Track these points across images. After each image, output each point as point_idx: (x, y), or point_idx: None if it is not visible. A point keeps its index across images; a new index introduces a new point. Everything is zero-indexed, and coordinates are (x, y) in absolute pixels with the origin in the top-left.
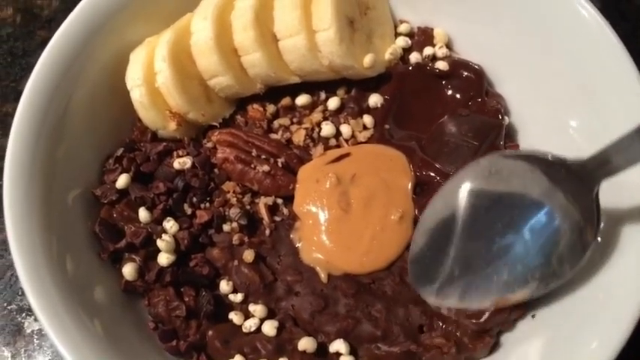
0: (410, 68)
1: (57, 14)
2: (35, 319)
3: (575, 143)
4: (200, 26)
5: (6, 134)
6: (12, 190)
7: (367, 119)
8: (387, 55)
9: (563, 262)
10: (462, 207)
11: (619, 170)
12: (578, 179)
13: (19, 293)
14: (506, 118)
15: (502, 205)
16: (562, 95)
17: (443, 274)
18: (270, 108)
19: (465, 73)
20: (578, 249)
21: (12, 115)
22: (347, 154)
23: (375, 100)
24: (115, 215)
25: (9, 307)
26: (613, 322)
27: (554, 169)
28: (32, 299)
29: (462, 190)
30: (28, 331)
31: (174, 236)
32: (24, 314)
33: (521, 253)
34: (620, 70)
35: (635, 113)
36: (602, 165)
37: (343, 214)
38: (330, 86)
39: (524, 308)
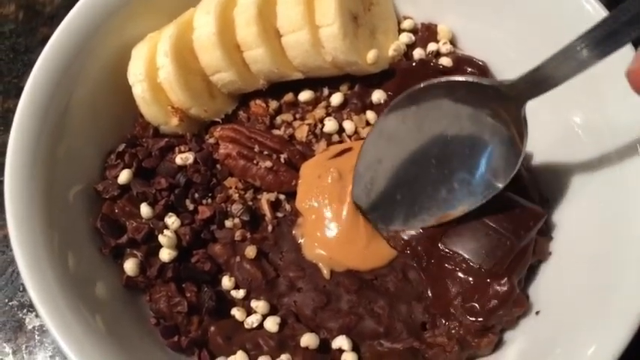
0: (413, 64)
1: (59, 11)
2: (36, 315)
3: (580, 139)
4: (203, 21)
5: (8, 130)
6: (13, 186)
7: (370, 115)
8: (391, 52)
9: (497, 174)
10: (397, 136)
11: (543, 91)
12: (507, 99)
13: (21, 289)
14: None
15: (432, 131)
16: (566, 91)
17: (386, 200)
18: (273, 104)
19: (469, 69)
20: (510, 161)
21: (14, 112)
22: (349, 149)
23: (378, 96)
24: (116, 211)
25: (10, 303)
26: (618, 319)
27: (485, 89)
28: (34, 295)
29: (396, 118)
30: (30, 327)
31: (176, 232)
32: (25, 310)
33: (458, 171)
34: (624, 66)
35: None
36: (530, 86)
37: (345, 209)
38: (333, 82)
39: (528, 305)
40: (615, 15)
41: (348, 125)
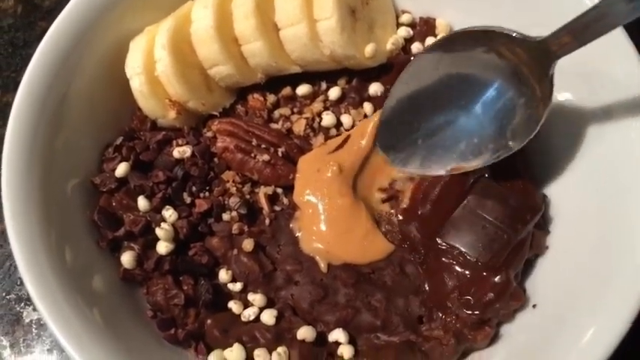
0: (412, 58)
1: (58, 5)
2: (34, 309)
3: (571, 122)
4: (201, 14)
5: (6, 124)
6: (10, 179)
7: (368, 107)
8: (389, 45)
9: (515, 135)
10: (426, 83)
11: (573, 49)
12: (535, 56)
13: (18, 283)
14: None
15: (462, 81)
16: (564, 84)
17: (407, 142)
18: (271, 98)
19: None
20: (530, 123)
21: (12, 106)
22: (347, 138)
23: (375, 88)
24: (114, 204)
25: (8, 297)
26: (613, 312)
27: (512, 45)
28: (31, 288)
29: (429, 62)
30: (27, 320)
31: (174, 225)
32: (23, 304)
33: (479, 126)
34: (623, 61)
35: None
36: (559, 44)
37: (343, 202)
38: (331, 76)
39: (524, 299)
40: None
41: (346, 119)
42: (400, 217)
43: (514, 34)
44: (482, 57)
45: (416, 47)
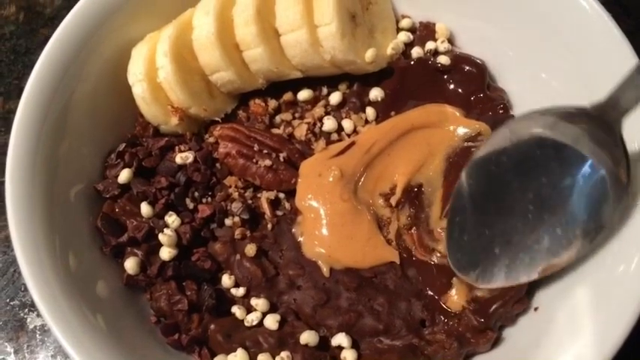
0: (412, 63)
1: (60, 12)
2: (38, 315)
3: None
4: (202, 21)
5: (9, 131)
6: (14, 186)
7: (370, 112)
8: (389, 50)
9: (601, 211)
10: (489, 182)
11: (634, 105)
12: (601, 123)
13: (22, 289)
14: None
15: (529, 168)
16: (564, 90)
17: (484, 256)
18: (272, 103)
19: (467, 68)
20: (615, 195)
21: (15, 113)
22: (351, 144)
23: (375, 93)
24: (117, 210)
25: (12, 303)
26: (614, 315)
27: (576, 118)
28: (35, 294)
29: (485, 165)
30: (31, 326)
31: (176, 230)
32: (26, 310)
33: (558, 214)
34: (623, 64)
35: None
36: (618, 103)
37: (345, 207)
38: (331, 81)
39: (527, 302)
40: None
41: (347, 124)
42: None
43: (569, 109)
44: (537, 150)
45: (416, 52)
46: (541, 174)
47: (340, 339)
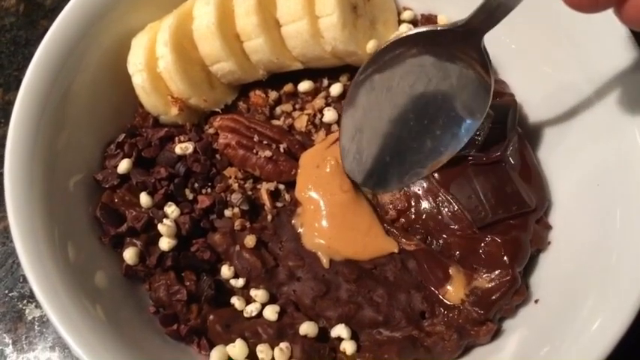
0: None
1: (60, 3)
2: (36, 306)
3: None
4: (202, 11)
5: (8, 122)
6: (13, 177)
7: None
8: None
9: (473, 111)
10: (370, 101)
11: (497, 21)
12: (465, 38)
13: (21, 280)
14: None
15: (405, 85)
16: (567, 83)
17: (377, 165)
18: (273, 94)
19: None
20: (482, 97)
21: (14, 104)
22: None
23: None
24: (116, 200)
25: (10, 294)
26: (616, 307)
27: (442, 36)
28: (34, 285)
29: (365, 85)
30: (30, 318)
31: (176, 221)
32: (25, 301)
33: (437, 118)
34: (626, 57)
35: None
36: (483, 19)
37: (344, 198)
38: (332, 73)
39: (527, 294)
40: None
41: None
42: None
43: (434, 27)
44: (413, 60)
45: None
46: (414, 85)
47: (340, 330)
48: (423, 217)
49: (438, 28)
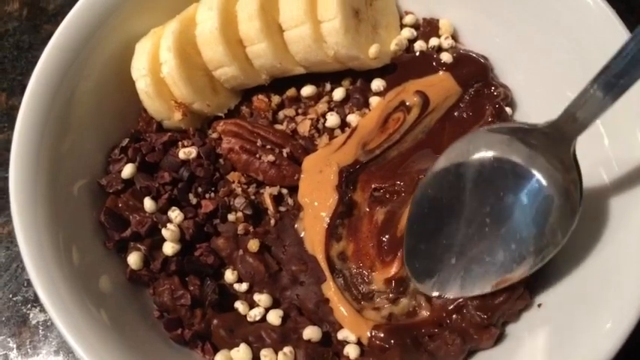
0: (416, 54)
1: (63, 8)
2: (40, 311)
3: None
4: (205, 16)
5: (13, 127)
6: (18, 182)
7: (373, 101)
8: (392, 46)
9: (555, 229)
10: (447, 194)
11: (588, 124)
12: (554, 141)
13: (25, 285)
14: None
15: (487, 183)
16: (569, 87)
17: (440, 266)
18: (276, 99)
19: (469, 66)
20: (567, 212)
21: (18, 109)
22: (351, 133)
23: (377, 83)
24: (120, 205)
25: (14, 299)
26: (618, 312)
27: (530, 136)
28: (39, 289)
29: (444, 176)
30: (34, 322)
31: (180, 226)
32: (29, 305)
33: (513, 230)
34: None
35: None
36: (572, 121)
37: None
38: (335, 77)
39: (530, 298)
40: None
41: (351, 119)
42: None
43: (528, 125)
44: (504, 151)
45: (419, 45)
46: (497, 189)
47: (346, 334)
48: None
49: (524, 126)
